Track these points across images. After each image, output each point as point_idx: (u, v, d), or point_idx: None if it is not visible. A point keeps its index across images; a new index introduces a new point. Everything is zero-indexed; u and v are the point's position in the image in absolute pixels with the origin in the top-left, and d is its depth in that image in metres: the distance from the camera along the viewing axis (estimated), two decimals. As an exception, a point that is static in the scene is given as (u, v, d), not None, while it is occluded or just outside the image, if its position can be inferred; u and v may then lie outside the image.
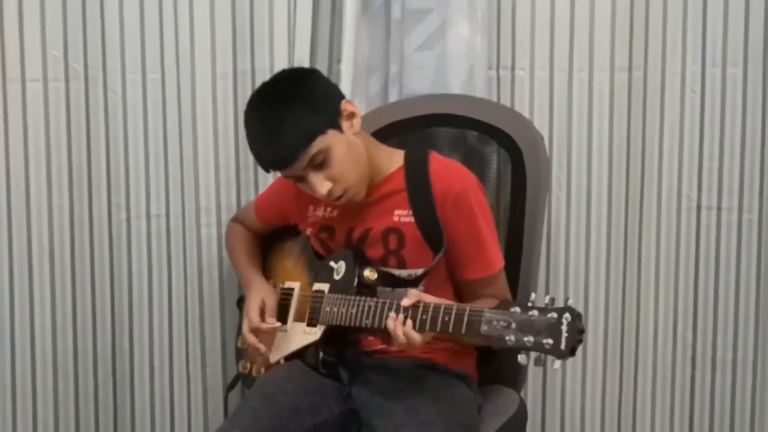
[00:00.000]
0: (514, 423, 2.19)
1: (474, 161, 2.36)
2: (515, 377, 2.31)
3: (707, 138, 2.54)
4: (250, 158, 2.52)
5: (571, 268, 2.61)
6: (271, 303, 2.21)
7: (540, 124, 2.50)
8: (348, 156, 2.04)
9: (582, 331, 1.66)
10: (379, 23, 2.56)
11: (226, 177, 2.56)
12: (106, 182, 2.56)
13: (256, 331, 2.18)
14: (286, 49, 2.52)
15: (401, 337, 1.88)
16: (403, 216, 2.08)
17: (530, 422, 2.48)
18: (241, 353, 2.37)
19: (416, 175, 2.09)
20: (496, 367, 2.17)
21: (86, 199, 2.55)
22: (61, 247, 2.55)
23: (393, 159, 2.13)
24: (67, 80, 2.50)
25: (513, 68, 2.56)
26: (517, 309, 1.70)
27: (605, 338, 2.62)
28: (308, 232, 2.22)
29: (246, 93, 2.52)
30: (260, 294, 2.22)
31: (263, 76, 2.51)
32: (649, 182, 2.56)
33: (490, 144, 2.37)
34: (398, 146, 2.20)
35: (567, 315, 1.66)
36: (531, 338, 1.67)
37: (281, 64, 2.51)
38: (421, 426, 1.91)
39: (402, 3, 2.51)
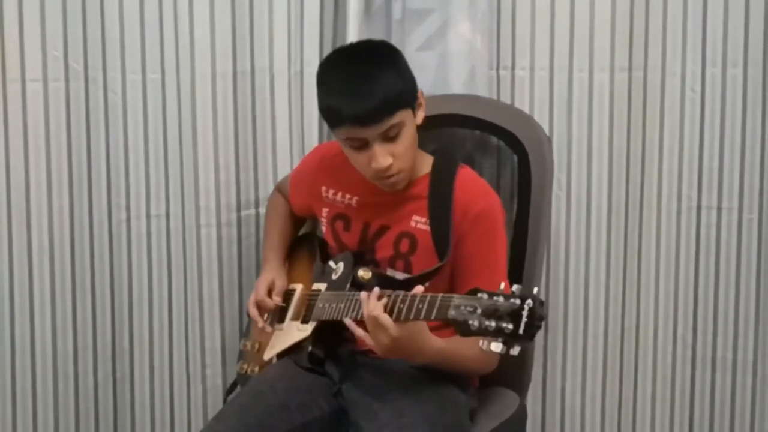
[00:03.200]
0: (511, 425, 2.18)
1: (480, 161, 2.37)
2: (519, 380, 2.30)
3: (707, 138, 2.54)
4: (250, 158, 2.56)
5: (571, 268, 2.61)
6: (281, 284, 2.25)
7: (540, 124, 2.50)
8: (413, 140, 2.06)
9: (542, 318, 1.66)
10: (379, 23, 2.56)
11: (226, 177, 2.56)
12: (106, 182, 2.56)
13: (260, 305, 2.23)
14: (286, 49, 2.52)
15: (372, 308, 1.84)
16: (420, 223, 2.09)
17: (530, 422, 2.48)
18: (240, 355, 2.37)
19: (441, 185, 2.09)
20: (499, 369, 2.17)
21: (86, 199, 2.55)
22: (61, 247, 2.54)
23: (424, 163, 2.14)
24: (67, 80, 2.49)
25: (513, 68, 2.56)
26: (484, 295, 1.71)
27: (605, 338, 2.62)
28: (323, 213, 2.23)
29: (246, 93, 2.54)
30: (272, 275, 2.27)
31: (263, 76, 2.53)
32: (649, 182, 2.57)
33: (497, 144, 2.38)
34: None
35: (529, 301, 1.65)
36: (493, 323, 1.67)
37: (281, 64, 2.52)
38: (404, 428, 1.91)
39: (403, 3, 2.52)
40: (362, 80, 2.00)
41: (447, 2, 2.49)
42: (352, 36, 2.47)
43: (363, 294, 1.90)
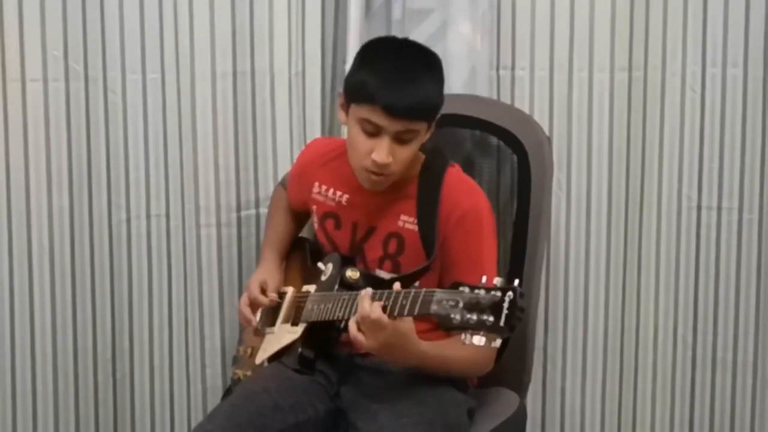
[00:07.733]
0: (510, 425, 2.18)
1: (480, 161, 2.37)
2: (519, 380, 2.30)
3: (707, 138, 2.54)
4: (250, 158, 2.56)
5: (571, 268, 2.61)
6: (273, 283, 2.25)
7: (540, 124, 2.49)
8: (415, 152, 2.06)
9: (522, 309, 1.65)
10: (380, 23, 2.56)
11: (226, 177, 2.56)
12: (106, 182, 2.56)
13: (252, 303, 2.23)
14: (286, 49, 2.52)
15: (366, 308, 1.84)
16: (408, 223, 2.09)
17: (530, 422, 2.48)
18: (234, 360, 2.37)
19: (429, 185, 2.09)
20: (500, 369, 2.17)
21: (86, 199, 2.55)
22: (61, 247, 2.55)
23: (415, 162, 2.12)
24: (67, 80, 2.50)
25: (513, 68, 2.56)
26: (466, 289, 1.71)
27: (605, 338, 2.62)
28: (314, 209, 2.23)
29: (246, 93, 2.54)
30: (263, 275, 2.27)
31: (263, 76, 2.53)
32: (649, 182, 2.57)
33: (497, 145, 2.38)
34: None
35: (510, 293, 1.66)
36: (474, 316, 1.68)
37: (282, 64, 2.52)
38: (402, 429, 1.91)
39: (403, 3, 2.52)
40: (414, 75, 2.00)
41: (447, 2, 2.49)
42: (353, 36, 2.48)
43: (363, 293, 1.88)
